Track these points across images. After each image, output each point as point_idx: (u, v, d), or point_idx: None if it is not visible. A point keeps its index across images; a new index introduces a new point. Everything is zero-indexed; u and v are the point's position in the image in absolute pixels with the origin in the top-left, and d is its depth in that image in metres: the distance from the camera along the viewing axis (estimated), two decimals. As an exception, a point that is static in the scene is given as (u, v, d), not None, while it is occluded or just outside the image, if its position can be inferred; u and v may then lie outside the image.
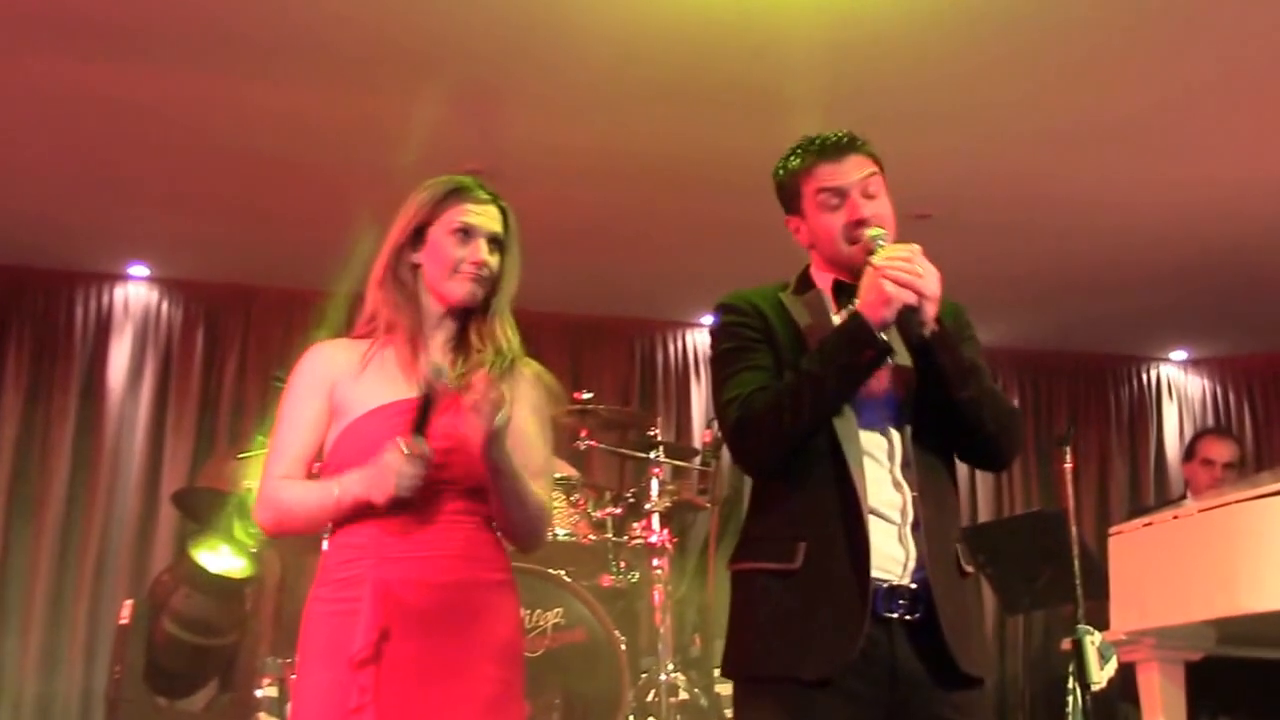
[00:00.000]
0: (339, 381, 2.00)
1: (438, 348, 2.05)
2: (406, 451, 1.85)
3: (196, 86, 4.27)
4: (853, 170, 1.97)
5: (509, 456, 1.93)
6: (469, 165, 4.63)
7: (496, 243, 2.06)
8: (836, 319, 1.96)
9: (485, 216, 2.05)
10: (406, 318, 2.01)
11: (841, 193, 1.96)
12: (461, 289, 2.02)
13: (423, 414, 1.87)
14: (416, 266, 2.05)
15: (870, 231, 1.92)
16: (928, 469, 1.92)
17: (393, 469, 1.85)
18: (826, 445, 1.88)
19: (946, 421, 1.92)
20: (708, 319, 6.58)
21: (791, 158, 2.02)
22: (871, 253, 1.88)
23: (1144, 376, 7.14)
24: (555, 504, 3.89)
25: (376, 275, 2.06)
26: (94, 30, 3.92)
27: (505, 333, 2.07)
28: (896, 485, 1.90)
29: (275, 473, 1.98)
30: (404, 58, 4.11)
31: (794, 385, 1.86)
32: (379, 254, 2.08)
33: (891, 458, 1.91)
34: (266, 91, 4.29)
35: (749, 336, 1.96)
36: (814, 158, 1.99)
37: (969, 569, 1.96)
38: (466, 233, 2.03)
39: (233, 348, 6.05)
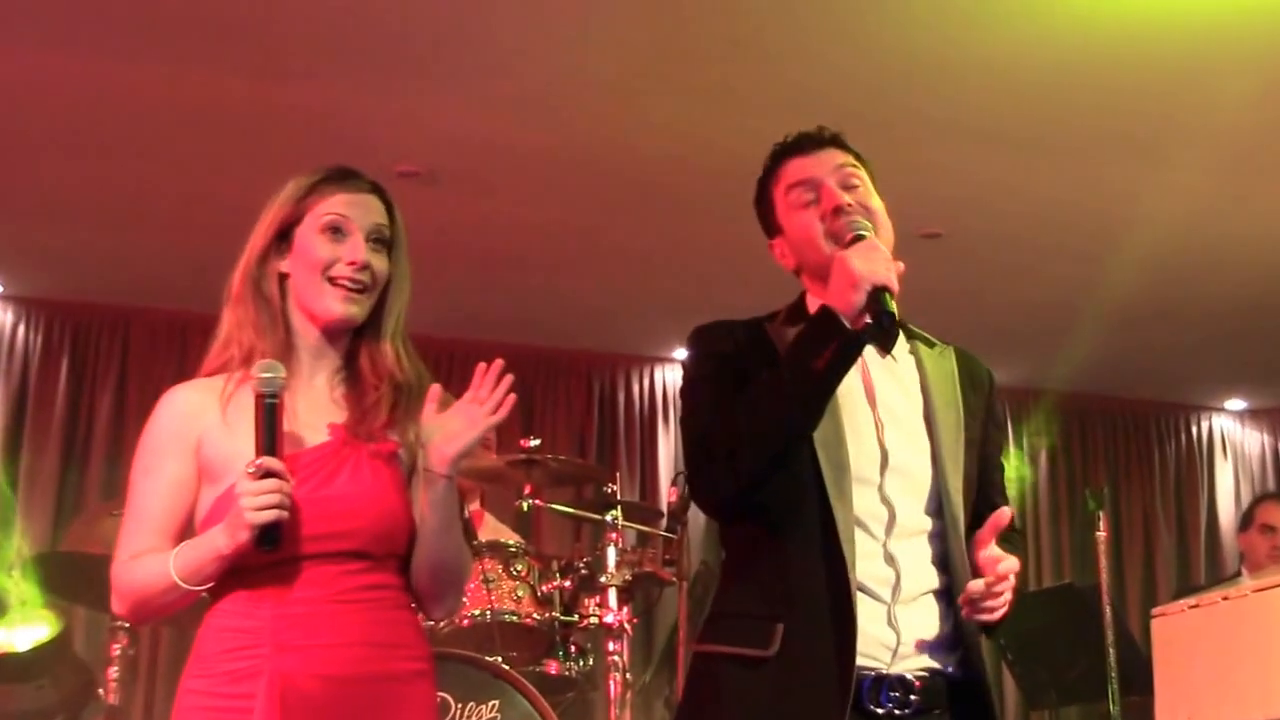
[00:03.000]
0: (206, 435, 1.94)
1: (323, 387, 2.00)
2: (249, 470, 1.82)
3: (57, 64, 4.22)
4: (827, 161, 2.01)
5: (455, 492, 1.93)
6: (399, 167, 4.68)
7: (381, 241, 1.99)
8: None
9: (363, 207, 1.99)
10: (271, 343, 1.94)
11: (814, 184, 1.99)
12: (336, 305, 1.95)
13: (267, 429, 1.85)
14: (284, 277, 1.99)
15: (853, 222, 1.93)
16: (955, 551, 1.93)
17: (238, 496, 1.81)
18: (816, 509, 1.88)
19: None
20: (680, 353, 6.61)
21: (765, 163, 2.07)
22: (851, 243, 1.90)
23: (1194, 428, 7.23)
24: (493, 576, 3.89)
25: (233, 290, 1.99)
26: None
27: (402, 360, 2.01)
28: (889, 559, 1.91)
29: (128, 551, 1.92)
30: (320, 38, 4.10)
31: (751, 399, 1.87)
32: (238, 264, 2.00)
33: (889, 530, 1.92)
34: (147, 72, 4.26)
35: (717, 368, 1.98)
36: (782, 156, 2.04)
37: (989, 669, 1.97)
38: (339, 228, 1.96)
39: (107, 381, 5.99)
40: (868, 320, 1.84)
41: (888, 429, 1.95)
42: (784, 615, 1.87)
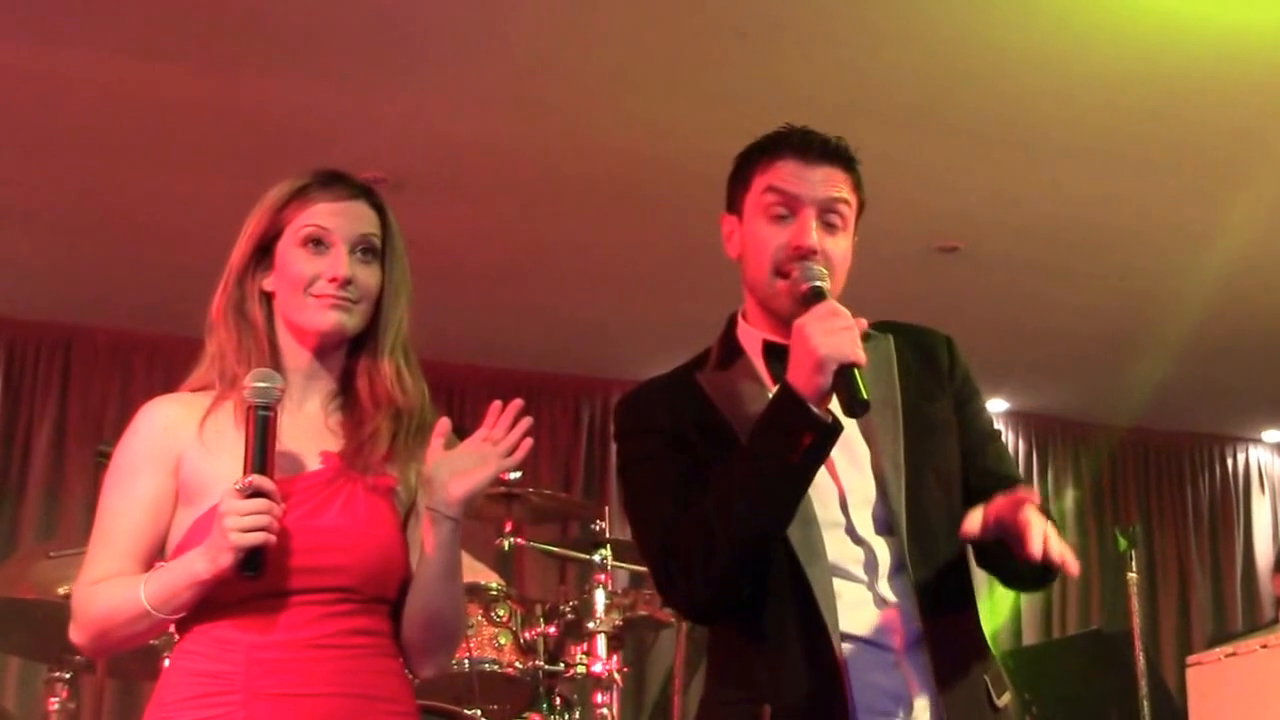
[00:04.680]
0: (187, 453, 1.94)
1: (315, 413, 2.01)
2: (237, 486, 1.81)
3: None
4: (822, 183, 1.94)
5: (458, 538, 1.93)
6: (364, 174, 4.66)
7: (371, 251, 2.00)
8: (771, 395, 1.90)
9: (347, 216, 1.99)
10: (257, 364, 1.94)
11: (795, 202, 1.93)
12: (324, 315, 1.95)
13: (258, 444, 1.84)
14: (269, 296, 2.00)
15: (809, 271, 1.88)
16: (929, 571, 1.91)
17: (223, 515, 1.80)
18: (786, 569, 1.86)
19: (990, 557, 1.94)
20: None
21: (759, 140, 2.02)
22: (808, 301, 1.84)
23: (1229, 461, 7.25)
24: (471, 622, 3.88)
25: (216, 308, 2.00)
26: None
27: (402, 381, 2.01)
28: (881, 601, 1.89)
29: (93, 575, 1.91)
30: (278, 31, 4.12)
31: (721, 499, 1.83)
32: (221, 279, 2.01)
33: (871, 569, 1.89)
34: (95, 64, 4.26)
35: (655, 444, 1.96)
36: (782, 147, 1.97)
37: (1002, 703, 1.95)
38: (319, 240, 1.96)
39: (46, 408, 5.98)
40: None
41: (837, 459, 1.91)
42: (769, 695, 1.86)
